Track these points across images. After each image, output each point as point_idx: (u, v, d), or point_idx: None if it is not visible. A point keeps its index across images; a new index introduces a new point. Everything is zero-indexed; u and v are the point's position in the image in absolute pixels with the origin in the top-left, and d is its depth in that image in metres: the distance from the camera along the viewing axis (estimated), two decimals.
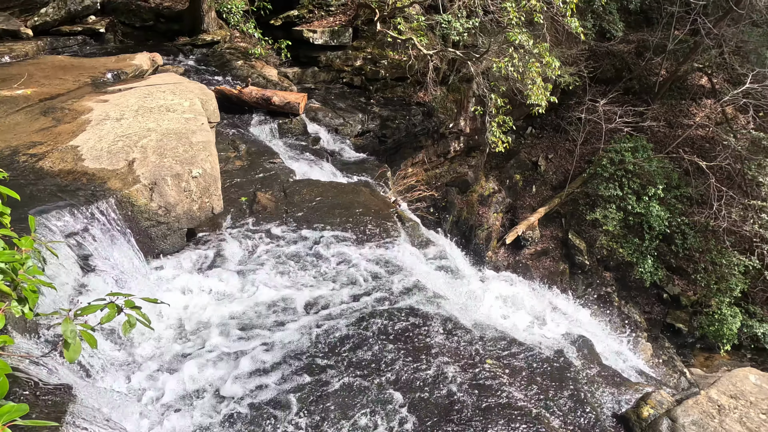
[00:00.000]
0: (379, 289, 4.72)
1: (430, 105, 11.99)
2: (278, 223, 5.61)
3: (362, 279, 4.84)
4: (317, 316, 4.30)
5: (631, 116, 13.40)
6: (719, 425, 3.72)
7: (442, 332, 4.36)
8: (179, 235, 4.89)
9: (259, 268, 4.82)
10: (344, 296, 4.60)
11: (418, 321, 4.43)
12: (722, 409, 3.84)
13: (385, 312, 4.41)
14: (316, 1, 11.48)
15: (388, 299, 4.60)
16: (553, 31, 12.13)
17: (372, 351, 4.00)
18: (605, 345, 7.30)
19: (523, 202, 15.11)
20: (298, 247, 5.18)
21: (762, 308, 13.86)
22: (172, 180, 4.69)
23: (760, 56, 12.63)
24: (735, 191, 12.96)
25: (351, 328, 4.19)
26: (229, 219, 5.60)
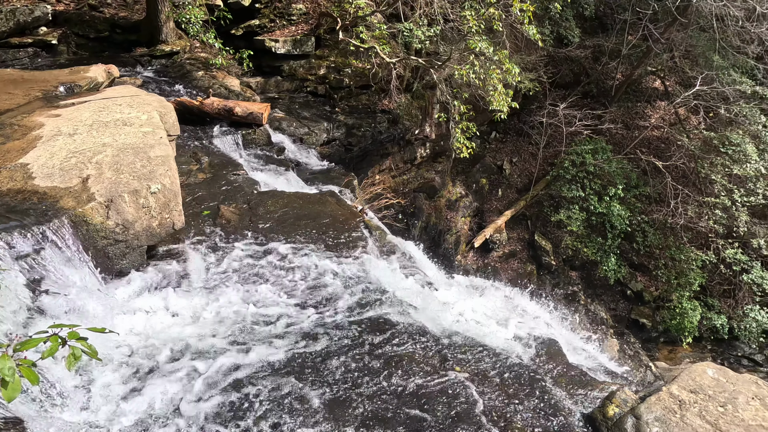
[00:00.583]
0: (347, 301, 4.69)
1: (396, 112, 12.06)
2: (242, 237, 5.51)
3: (329, 291, 4.80)
4: (283, 331, 4.24)
5: (590, 119, 13.81)
6: (680, 420, 3.83)
7: (410, 341, 4.35)
8: (139, 252, 4.74)
9: (223, 283, 4.72)
10: (311, 309, 4.55)
11: (387, 331, 4.41)
12: (683, 404, 3.96)
13: (352, 324, 4.38)
14: (278, 11, 11.41)
15: (356, 310, 4.57)
16: (513, 38, 12.40)
17: (340, 364, 3.96)
18: (572, 345, 7.45)
19: (489, 206, 15.33)
20: (263, 261, 5.10)
21: (719, 300, 14.43)
22: (129, 196, 4.54)
23: (707, 60, 13.22)
24: (690, 189, 13.49)
25: (318, 341, 4.14)
26: (192, 234, 5.47)
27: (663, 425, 3.77)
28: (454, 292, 6.71)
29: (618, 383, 4.99)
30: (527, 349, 5.18)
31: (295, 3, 11.47)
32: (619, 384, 4.70)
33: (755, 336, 13.75)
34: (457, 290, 6.97)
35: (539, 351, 5.18)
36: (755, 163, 12.50)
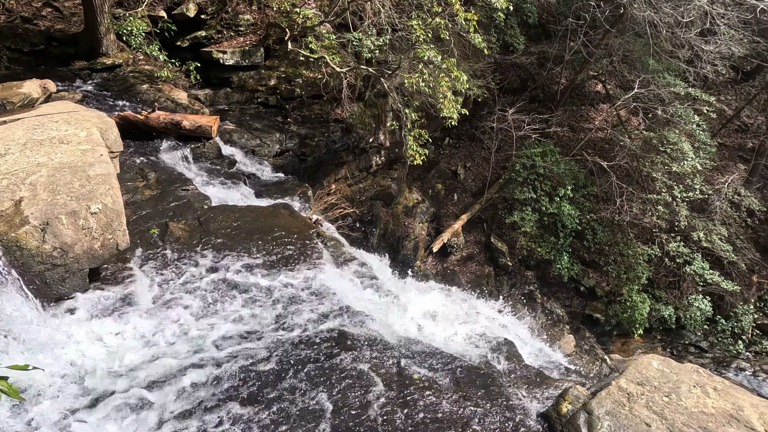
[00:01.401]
0: (302, 315, 4.63)
1: (349, 121, 12.06)
2: (193, 254, 5.35)
3: (284, 305, 4.73)
4: (236, 350, 4.13)
5: (538, 123, 14.24)
6: (629, 412, 3.98)
7: (368, 352, 4.34)
8: (80, 276, 4.52)
9: (172, 304, 4.56)
10: (265, 326, 4.46)
11: (344, 344, 4.38)
12: (631, 397, 4.12)
13: (308, 338, 4.32)
14: (224, 22, 11.23)
15: (311, 324, 4.52)
16: (461, 46, 12.67)
17: (296, 380, 3.89)
18: (529, 344, 7.63)
19: (446, 211, 15.54)
20: (214, 278, 4.97)
21: (666, 292, 15.13)
22: (67, 218, 4.34)
23: (644, 64, 13.91)
24: (634, 187, 14.11)
25: (272, 359, 4.06)
26: (139, 254, 5.27)
27: (613, 418, 3.91)
28: (412, 298, 6.75)
29: (572, 380, 5.13)
30: (484, 351, 5.26)
31: (243, 14, 11.32)
32: (573, 381, 4.84)
33: (700, 324, 14.48)
34: (416, 296, 7.02)
35: (496, 353, 5.27)
36: (691, 161, 13.21)
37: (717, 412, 4.08)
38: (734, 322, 15.02)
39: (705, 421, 3.99)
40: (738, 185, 14.39)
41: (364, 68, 9.77)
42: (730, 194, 13.99)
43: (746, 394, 4.35)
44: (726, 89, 18.74)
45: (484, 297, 11.56)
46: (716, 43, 12.49)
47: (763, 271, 15.90)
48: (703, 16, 11.31)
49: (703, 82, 15.92)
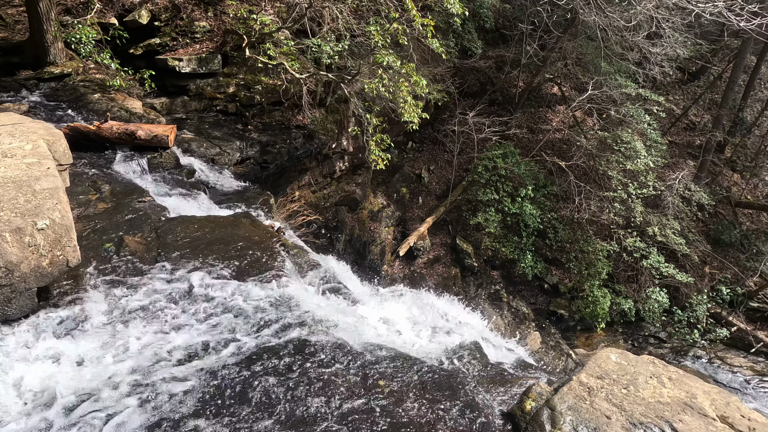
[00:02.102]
0: (264, 326, 4.55)
1: (310, 127, 11.99)
2: (150, 268, 5.19)
3: (246, 317, 4.64)
4: (197, 366, 4.02)
5: (498, 125, 14.53)
6: (590, 405, 4.08)
7: (332, 361, 4.30)
8: (28, 296, 4.31)
9: (128, 322, 4.40)
10: (226, 339, 4.36)
11: (308, 353, 4.33)
12: (592, 391, 4.22)
13: (270, 350, 4.25)
14: (179, 29, 11.00)
15: (274, 335, 4.45)
16: (420, 51, 12.81)
17: (258, 394, 3.82)
18: (496, 344, 7.73)
19: (411, 214, 15.63)
20: (173, 292, 4.83)
21: (625, 286, 15.64)
22: (11, 235, 4.13)
23: (596, 66, 14.40)
24: (591, 185, 14.55)
25: (235, 373, 3.97)
26: (92, 269, 5.07)
27: (575, 413, 3.99)
28: (378, 303, 6.74)
29: (536, 377, 5.22)
30: (450, 353, 5.29)
31: (198, 21, 11.12)
32: (536, 378, 4.93)
33: (658, 315, 15.03)
34: (382, 301, 7.02)
35: (462, 354, 5.31)
36: (644, 159, 13.74)
37: (672, 401, 4.23)
38: (689, 312, 15.64)
39: (661, 410, 4.12)
40: (688, 181, 15.05)
41: (323, 74, 9.74)
42: (681, 190, 14.60)
43: (699, 381, 4.53)
44: (674, 89, 19.61)
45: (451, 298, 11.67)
46: (662, 46, 13.06)
47: (714, 262, 16.66)
48: (649, 20, 11.80)
49: (652, 83, 16.60)
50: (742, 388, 15.12)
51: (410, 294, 8.20)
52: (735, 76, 16.42)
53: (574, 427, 3.87)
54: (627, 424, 3.94)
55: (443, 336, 5.94)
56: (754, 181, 18.58)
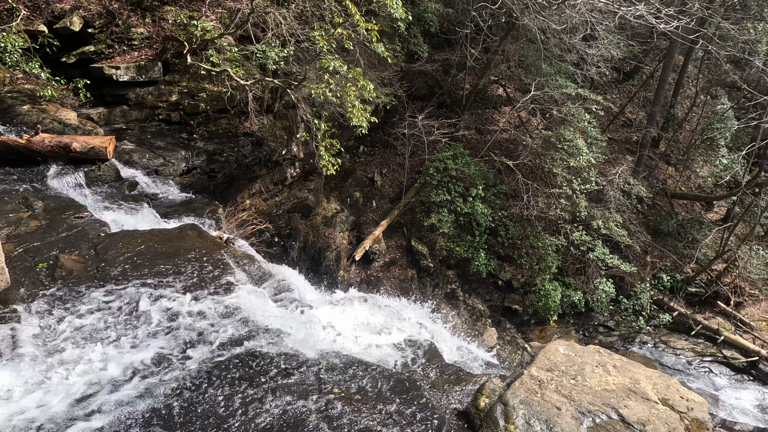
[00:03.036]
0: (214, 340, 4.42)
1: (259, 134, 11.78)
2: (89, 287, 4.93)
3: (193, 333, 4.48)
4: (141, 387, 3.85)
5: (447, 127, 14.76)
6: (541, 398, 4.19)
7: (286, 371, 4.23)
8: None
9: (65, 346, 4.16)
10: (174, 356, 4.20)
11: (260, 366, 4.24)
12: (542, 383, 4.34)
13: (221, 364, 4.13)
14: (115, 36, 10.56)
15: (225, 349, 4.33)
16: (367, 55, 12.85)
17: (209, 411, 3.70)
18: (452, 343, 7.84)
19: (366, 218, 15.63)
20: (114, 311, 4.61)
21: (574, 279, 16.23)
22: None
23: (538, 68, 14.90)
24: (538, 183, 15.03)
25: (182, 392, 3.83)
26: (23, 293, 4.77)
27: (527, 407, 4.10)
28: (333, 310, 6.69)
29: (492, 373, 5.33)
30: (406, 356, 5.32)
31: (135, 27, 10.71)
32: (491, 374, 5.02)
33: (605, 305, 15.68)
34: (337, 307, 6.97)
35: (417, 356, 5.35)
36: (586, 155, 14.32)
37: (617, 388, 4.42)
38: (634, 300, 16.43)
39: (608, 397, 4.30)
40: (627, 175, 15.79)
41: (269, 80, 9.59)
42: (621, 184, 15.31)
43: (641, 367, 4.75)
44: (610, 89, 20.58)
45: (407, 300, 11.74)
46: (597, 48, 13.68)
47: (654, 251, 17.57)
48: (584, 23, 12.34)
49: (590, 83, 17.34)
50: (685, 369, 16.00)
51: (366, 298, 8.19)
52: (665, 75, 17.39)
53: (527, 421, 3.97)
54: (576, 413, 4.08)
55: (399, 339, 5.96)
56: (686, 173, 19.74)
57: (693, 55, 19.27)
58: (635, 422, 4.06)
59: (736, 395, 15.09)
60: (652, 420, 4.10)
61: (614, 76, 20.75)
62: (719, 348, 16.09)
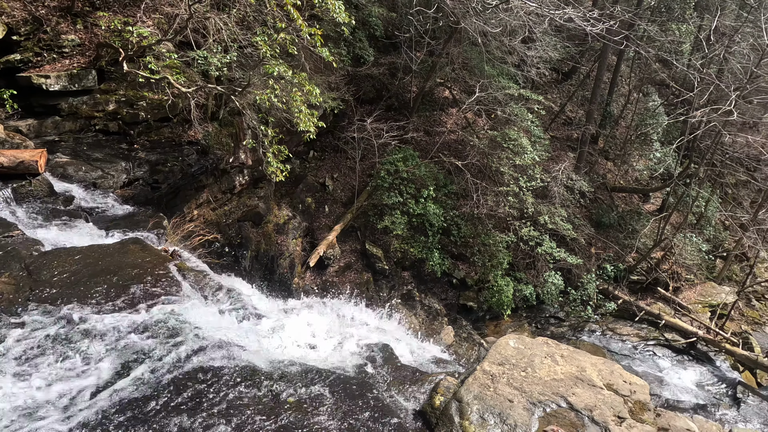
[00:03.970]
0: (160, 358, 4.26)
1: (204, 142, 11.47)
2: (20, 310, 4.64)
3: (139, 351, 4.30)
4: (82, 412, 3.65)
5: (396, 130, 14.89)
6: (494, 392, 4.30)
7: (239, 385, 4.12)
8: None
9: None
10: (116, 378, 4.02)
11: (212, 381, 4.12)
12: (494, 377, 4.45)
13: (169, 384, 3.98)
14: (44, 43, 10.00)
15: (173, 367, 4.17)
16: (312, 60, 12.78)
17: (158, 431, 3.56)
18: (408, 343, 7.89)
19: (319, 223, 15.52)
20: (50, 334, 4.35)
21: (525, 273, 16.74)
22: None
23: (481, 70, 15.30)
24: (487, 182, 15.41)
25: (131, 415, 3.67)
26: None
27: (481, 402, 4.19)
28: (287, 318, 6.60)
29: (445, 371, 5.41)
30: (362, 360, 5.32)
31: (65, 34, 10.19)
32: (447, 372, 5.10)
33: (555, 297, 16.27)
34: (291, 316, 6.87)
35: (373, 359, 5.35)
36: (530, 153, 14.82)
37: (565, 377, 4.59)
38: (582, 291, 17.12)
39: (557, 386, 4.45)
40: (570, 171, 16.45)
41: (212, 86, 9.37)
42: (565, 180, 15.93)
43: (587, 355, 4.96)
44: (551, 89, 21.39)
45: (364, 304, 11.74)
46: (536, 49, 14.20)
47: (598, 243, 18.38)
48: (522, 26, 12.77)
49: (531, 83, 17.96)
50: (631, 354, 16.80)
51: (321, 304, 8.13)
52: (600, 75, 18.26)
53: (481, 416, 4.06)
54: (528, 404, 4.20)
55: (354, 343, 5.95)
56: (624, 167, 20.78)
57: (625, 55, 20.35)
58: (583, 408, 4.23)
59: (678, 375, 16.00)
60: (598, 405, 4.28)
61: (554, 77, 21.60)
62: (661, 332, 17.01)
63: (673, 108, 20.67)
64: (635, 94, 21.69)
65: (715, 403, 14.88)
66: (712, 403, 14.80)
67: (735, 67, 17.00)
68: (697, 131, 16.15)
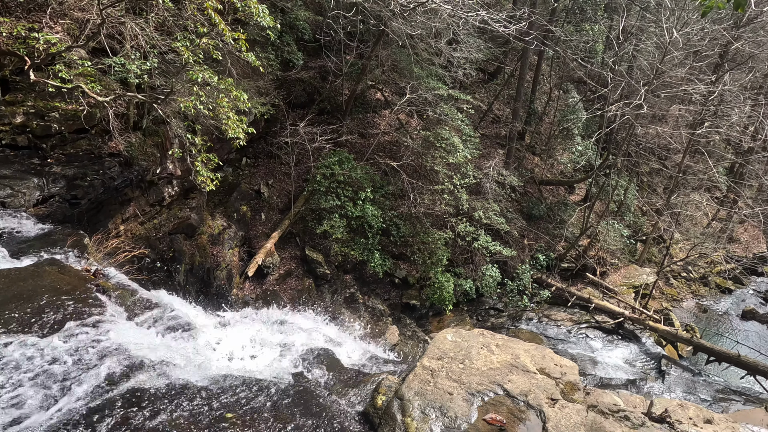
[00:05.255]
0: (86, 384, 4.00)
1: (127, 154, 10.90)
2: None
3: (61, 379, 4.02)
4: None
5: (330, 134, 14.84)
6: (434, 387, 4.38)
7: (174, 405, 3.96)
8: None
9: None
10: (36, 408, 3.74)
11: (144, 403, 3.92)
12: (434, 372, 4.54)
13: (96, 410, 3.75)
14: None
15: (101, 392, 3.94)
16: (240, 65, 12.48)
17: None
18: (352, 346, 7.89)
19: (256, 232, 15.17)
20: None
21: (464, 268, 17.21)
22: None
23: (411, 71, 15.56)
24: (422, 181, 15.69)
25: None
26: None
27: (421, 397, 4.26)
28: (224, 331, 6.41)
29: (387, 371, 5.45)
30: (303, 367, 5.26)
31: None
32: (385, 372, 5.14)
33: (493, 289, 16.83)
34: (229, 328, 6.68)
35: (315, 366, 5.31)
36: (462, 152, 15.25)
37: (501, 365, 4.76)
38: (518, 281, 17.84)
39: (493, 375, 4.61)
40: (500, 167, 17.09)
41: (131, 95, 8.92)
42: (496, 176, 16.53)
43: (520, 343, 5.17)
44: (478, 88, 22.13)
45: (306, 310, 11.61)
46: (461, 51, 14.64)
47: (530, 234, 19.21)
48: (447, 27, 13.13)
49: (459, 84, 18.49)
50: (566, 338, 17.69)
51: (261, 314, 7.97)
52: (523, 74, 19.11)
53: (422, 411, 4.13)
54: (467, 395, 4.33)
55: (296, 351, 5.87)
56: (550, 161, 21.86)
57: (545, 55, 21.41)
58: (519, 394, 4.40)
59: (609, 354, 17.03)
60: (532, 390, 4.48)
61: (480, 77, 22.36)
62: (592, 314, 18.04)
63: (591, 103, 22.01)
64: (556, 91, 22.88)
65: (642, 377, 15.96)
66: (640, 378, 15.86)
67: (643, 64, 18.36)
68: (613, 124, 17.28)
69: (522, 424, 4.12)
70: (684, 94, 18.33)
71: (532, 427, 4.12)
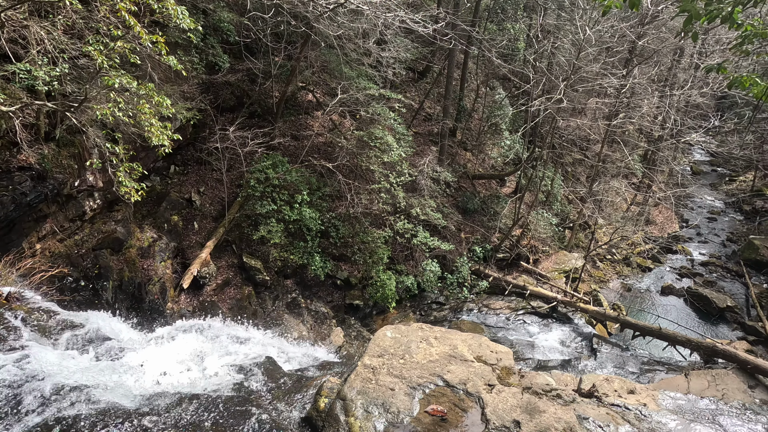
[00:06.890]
0: (6, 418, 3.70)
1: (39, 167, 10.16)
2: None
3: None
4: None
5: (261, 137, 14.54)
6: (376, 384, 4.43)
7: (100, 429, 3.74)
8: None
9: None
10: None
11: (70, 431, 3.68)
12: (375, 370, 4.59)
13: None
14: None
15: (17, 426, 3.65)
16: (162, 69, 11.96)
17: None
18: (294, 352, 7.80)
19: (189, 242, 14.60)
20: None
21: (405, 265, 17.42)
22: None
23: (341, 72, 15.56)
24: (359, 181, 15.73)
25: None
26: None
27: (364, 396, 4.29)
28: (158, 348, 6.14)
29: (330, 372, 5.44)
30: (243, 377, 5.14)
31: None
32: (327, 374, 5.13)
33: (434, 284, 17.17)
34: (162, 344, 6.41)
35: (256, 374, 5.20)
36: (396, 150, 15.43)
37: (440, 357, 4.89)
38: (457, 274, 18.30)
39: (433, 368, 4.72)
40: (434, 164, 17.46)
41: (40, 103, 8.31)
42: (430, 172, 16.87)
43: (457, 333, 5.33)
44: (409, 87, 22.48)
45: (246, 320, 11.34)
46: (389, 50, 14.82)
47: (466, 228, 19.77)
48: (373, 28, 13.24)
49: (390, 83, 18.71)
50: (505, 326, 18.36)
51: (198, 327, 7.71)
52: (450, 72, 19.62)
53: (366, 409, 4.16)
54: (408, 389, 4.40)
55: (236, 361, 5.73)
56: (481, 156, 22.59)
57: (471, 53, 22.08)
58: (458, 383, 4.54)
59: (545, 338, 17.85)
60: (471, 378, 4.63)
61: (410, 76, 22.73)
62: (528, 301, 18.83)
63: (516, 99, 22.97)
64: (483, 88, 23.68)
65: (577, 356, 16.86)
66: (575, 357, 16.75)
67: (561, 60, 19.39)
68: (537, 119, 18.13)
69: (462, 411, 4.25)
70: (599, 87, 19.56)
71: (472, 413, 4.26)
